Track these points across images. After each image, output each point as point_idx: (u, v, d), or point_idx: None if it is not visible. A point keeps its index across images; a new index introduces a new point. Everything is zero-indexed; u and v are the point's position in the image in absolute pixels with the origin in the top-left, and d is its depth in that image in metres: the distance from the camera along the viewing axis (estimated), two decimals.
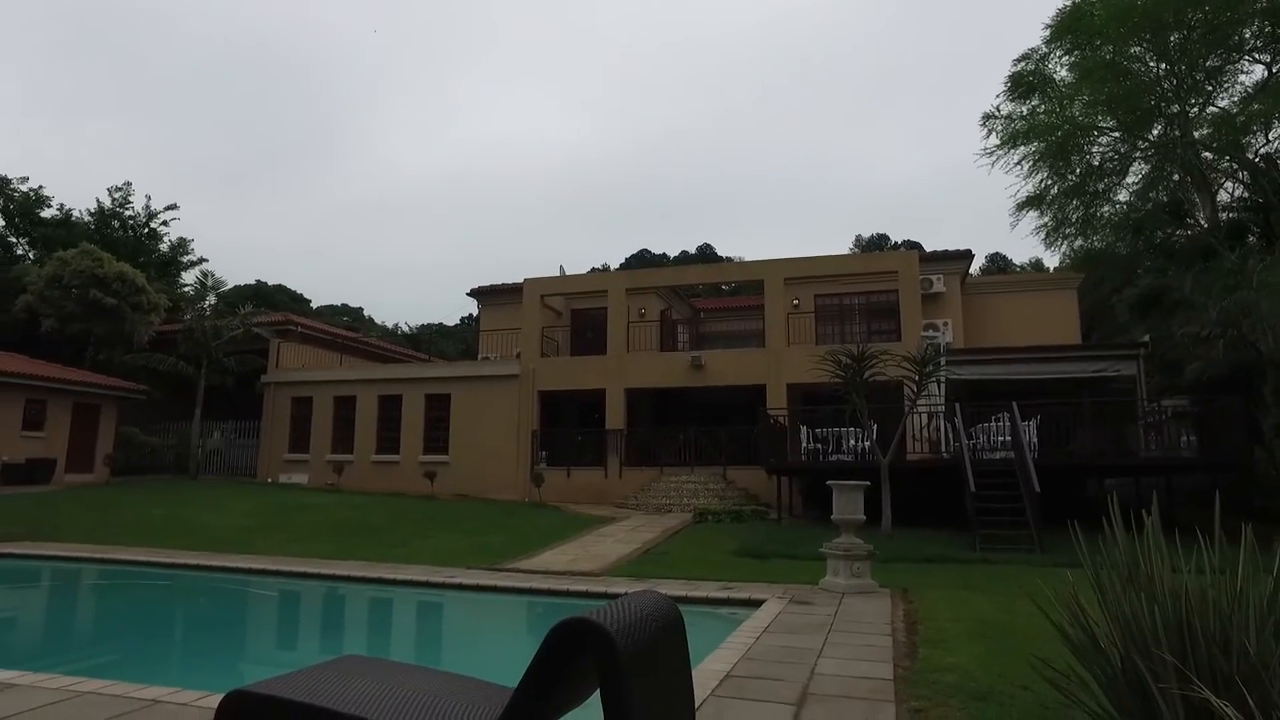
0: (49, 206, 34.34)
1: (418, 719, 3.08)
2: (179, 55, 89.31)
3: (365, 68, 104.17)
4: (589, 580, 9.56)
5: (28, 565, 11.92)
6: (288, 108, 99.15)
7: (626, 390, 20.79)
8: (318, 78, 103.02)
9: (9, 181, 33.44)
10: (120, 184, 35.83)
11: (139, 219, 35.75)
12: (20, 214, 33.67)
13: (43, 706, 4.19)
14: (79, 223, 34.24)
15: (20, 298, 26.19)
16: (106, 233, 33.79)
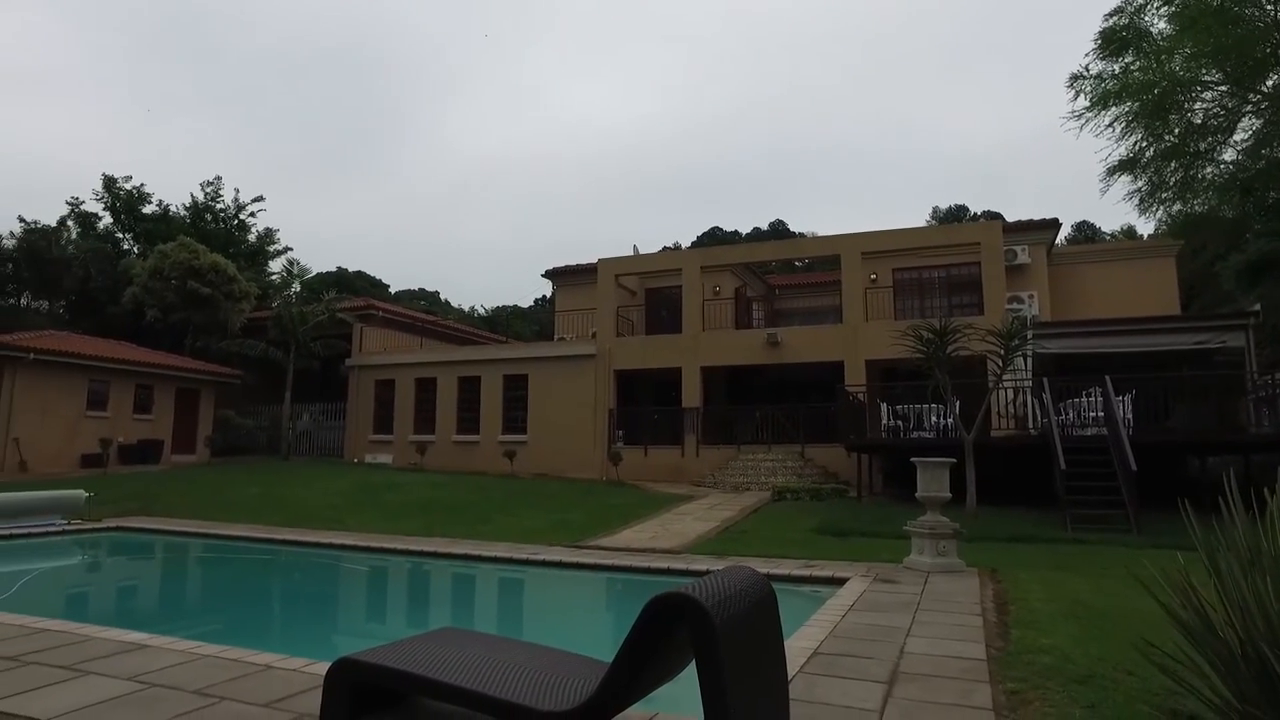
0: (150, 203, 36.23)
1: (515, 688, 3.17)
2: (260, 53, 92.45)
3: (435, 54, 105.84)
4: (670, 558, 9.63)
5: (144, 538, 12.72)
6: (363, 99, 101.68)
7: (702, 368, 20.77)
8: (390, 67, 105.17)
9: (115, 181, 35.39)
10: (211, 178, 37.53)
11: (229, 211, 37.35)
12: (125, 211, 35.61)
13: (171, 667, 4.48)
14: (176, 217, 35.99)
15: (127, 290, 27.75)
16: (200, 225, 35.43)
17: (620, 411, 21.34)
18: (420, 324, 30.14)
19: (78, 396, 22.38)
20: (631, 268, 23.61)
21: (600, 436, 20.87)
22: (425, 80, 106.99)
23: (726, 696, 2.57)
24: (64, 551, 11.88)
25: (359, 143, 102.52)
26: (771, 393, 21.58)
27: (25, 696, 3.98)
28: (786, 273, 37.48)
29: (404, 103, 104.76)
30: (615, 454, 19.33)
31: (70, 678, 4.31)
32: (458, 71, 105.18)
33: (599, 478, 19.58)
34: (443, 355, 24.72)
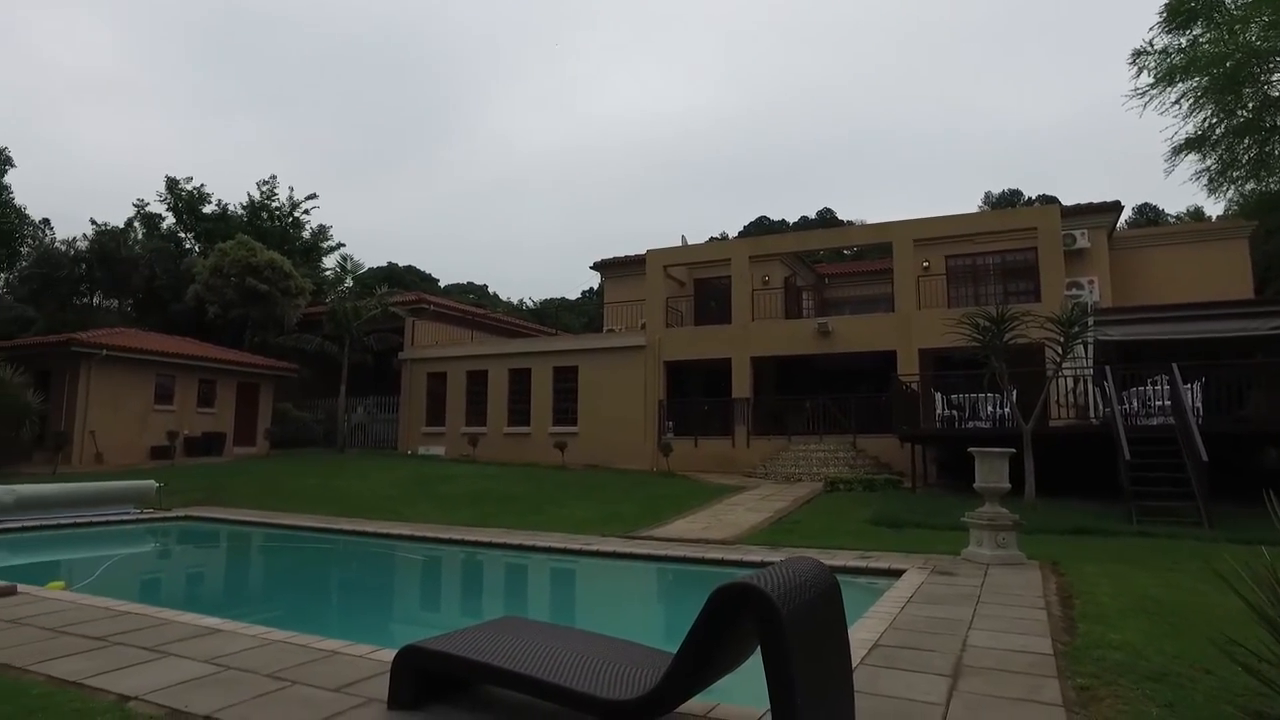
0: (209, 203, 37.33)
1: (578, 677, 3.21)
2: (311, 54, 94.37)
3: (481, 49, 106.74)
4: (723, 548, 9.61)
5: (210, 527, 13.16)
6: (410, 96, 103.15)
7: (752, 359, 20.67)
8: (437, 64, 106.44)
9: (177, 182, 36.55)
10: (267, 177, 38.45)
11: (284, 209, 38.28)
12: (187, 211, 36.77)
13: (244, 650, 4.64)
14: (234, 216, 37.02)
15: (190, 288, 28.66)
16: (257, 224, 36.41)
17: (670, 402, 21.34)
18: (471, 317, 30.52)
19: (146, 391, 23.20)
20: (680, 258, 23.56)
21: (650, 427, 20.91)
22: (471, 76, 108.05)
23: (794, 687, 2.56)
24: (138, 539, 12.35)
25: (407, 140, 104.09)
26: (822, 382, 21.36)
27: (115, 674, 4.16)
28: (835, 261, 37.03)
29: (450, 99, 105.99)
30: (665, 445, 19.35)
31: (153, 659, 4.49)
32: (504, 66, 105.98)
33: (649, 469, 19.63)
34: (493, 348, 25.01)
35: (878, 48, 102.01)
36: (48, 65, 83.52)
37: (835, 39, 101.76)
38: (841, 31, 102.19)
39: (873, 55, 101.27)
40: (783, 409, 20.67)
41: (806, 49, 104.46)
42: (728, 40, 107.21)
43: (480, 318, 31.67)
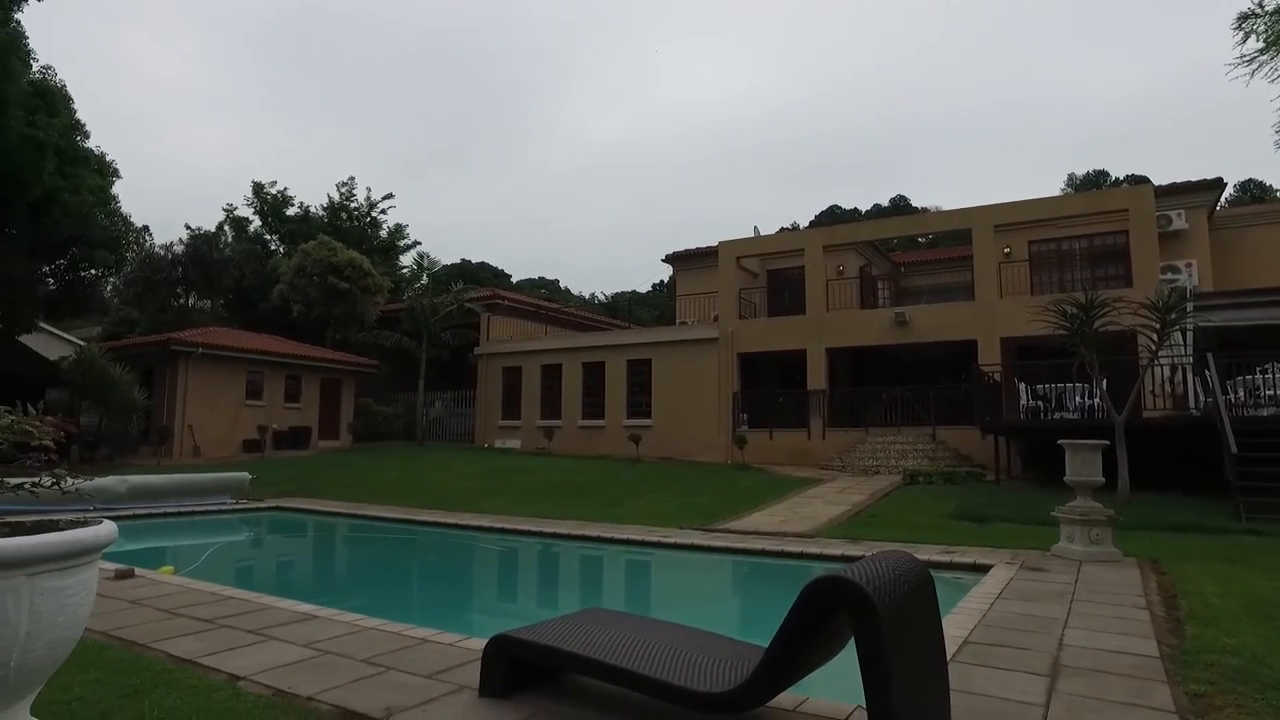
0: (292, 205, 38.70)
1: (668, 668, 3.21)
2: (383, 58, 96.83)
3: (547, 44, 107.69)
4: (802, 541, 9.51)
5: (299, 518, 13.69)
6: (478, 95, 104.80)
7: (827, 350, 20.36)
8: (503, 61, 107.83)
9: (262, 186, 38.05)
10: (345, 179, 39.68)
11: (362, 209, 39.41)
12: (272, 213, 38.23)
13: (339, 637, 4.81)
14: (315, 217, 38.30)
15: (275, 288, 29.80)
16: (337, 224, 37.57)
17: (744, 394, 21.21)
18: (544, 312, 30.90)
19: (238, 387, 24.25)
20: (752, 249, 23.35)
21: (724, 420, 20.82)
22: (538, 70, 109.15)
23: (890, 684, 2.52)
24: (234, 528, 12.94)
25: (477, 138, 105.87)
26: (899, 373, 20.92)
27: (224, 655, 4.38)
28: (910, 249, 36.13)
29: (518, 95, 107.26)
30: (740, 437, 19.24)
31: (257, 641, 4.70)
32: (571, 59, 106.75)
33: (724, 461, 19.55)
34: (567, 342, 25.27)
35: (950, 27, 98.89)
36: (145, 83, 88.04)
37: (906, 19, 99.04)
38: (912, 10, 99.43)
39: (945, 34, 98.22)
40: (859, 400, 20.31)
41: (875, 31, 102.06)
42: (796, 25, 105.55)
43: (553, 312, 32.03)
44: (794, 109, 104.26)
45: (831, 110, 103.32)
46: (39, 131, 17.38)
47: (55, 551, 1.73)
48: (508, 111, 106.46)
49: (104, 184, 21.25)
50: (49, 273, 21.73)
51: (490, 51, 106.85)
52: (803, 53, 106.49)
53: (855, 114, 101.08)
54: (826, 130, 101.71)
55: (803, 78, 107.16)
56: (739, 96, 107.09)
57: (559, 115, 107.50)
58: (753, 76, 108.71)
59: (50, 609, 1.73)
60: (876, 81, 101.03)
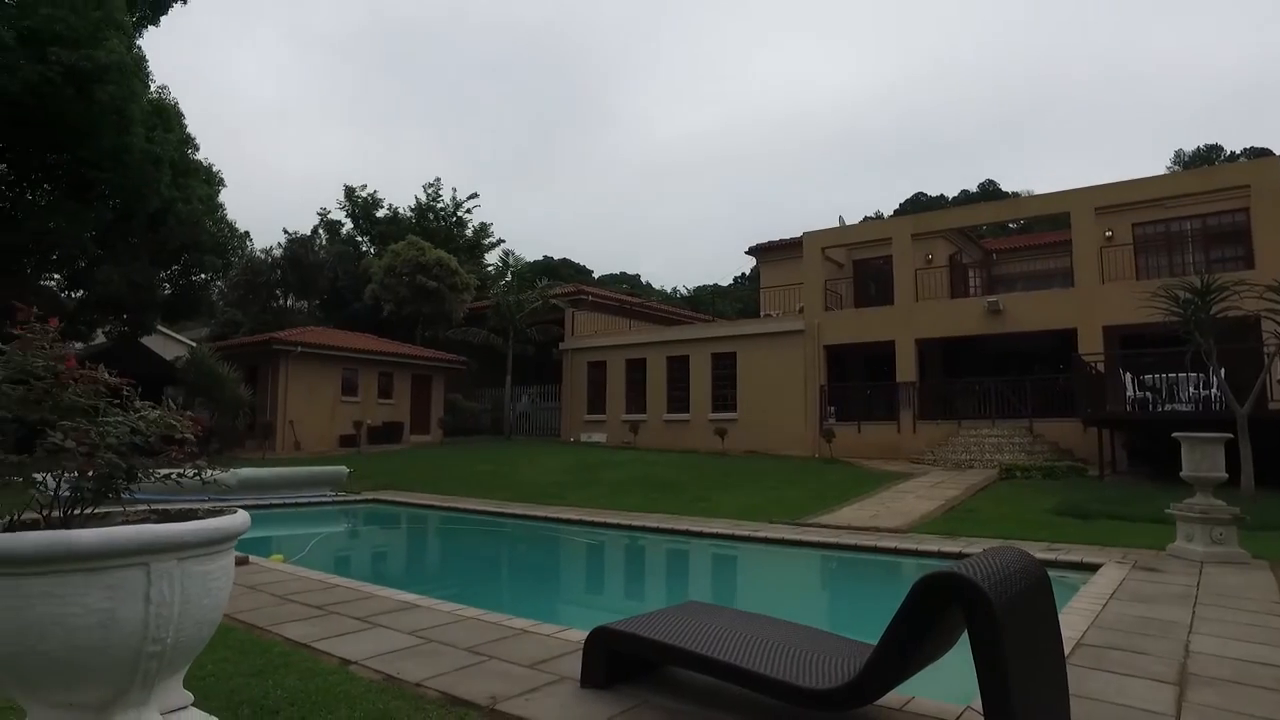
0: (382, 207, 40.05)
1: (771, 663, 3.18)
2: (466, 61, 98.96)
3: (626, 40, 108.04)
4: (896, 537, 9.29)
5: (395, 510, 14.16)
6: (559, 94, 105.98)
7: (917, 341, 19.81)
8: (583, 58, 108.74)
9: (353, 190, 39.48)
10: (432, 180, 40.79)
11: (448, 209, 40.43)
12: (363, 216, 39.64)
13: (440, 625, 4.95)
14: (404, 218, 39.51)
15: (367, 287, 30.89)
16: (424, 224, 38.66)
17: (831, 387, 20.85)
18: (627, 306, 31.08)
19: (334, 384, 25.27)
20: (838, 239, 22.91)
21: (811, 413, 20.52)
22: (618, 66, 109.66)
23: (1009, 685, 2.42)
24: (335, 519, 13.49)
25: (558, 137, 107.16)
26: (993, 364, 20.20)
27: (335, 640, 4.57)
28: (1002, 235, 34.79)
29: (598, 92, 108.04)
30: (828, 431, 18.93)
31: (364, 628, 4.88)
32: (650, 53, 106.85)
33: (811, 454, 19.28)
34: (651, 336, 25.34)
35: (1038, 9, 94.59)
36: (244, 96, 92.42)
37: (993, 2, 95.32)
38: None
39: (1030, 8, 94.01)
40: (951, 392, 19.70)
41: (962, 18, 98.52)
42: (875, 10, 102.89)
43: (636, 306, 32.18)
44: (873, 96, 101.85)
45: (912, 95, 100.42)
46: (157, 147, 18.47)
47: (202, 538, 1.83)
48: (587, 110, 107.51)
49: (211, 193, 22.41)
50: (165, 278, 23.07)
51: (569, 50, 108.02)
52: (882, 37, 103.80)
53: (937, 98, 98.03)
54: (908, 116, 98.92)
55: (882, 63, 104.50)
56: (817, 86, 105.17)
57: (638, 111, 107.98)
58: (831, 65, 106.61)
59: (197, 591, 1.83)
60: (957, 64, 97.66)
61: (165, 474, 2.06)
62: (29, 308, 1.95)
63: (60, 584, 1.65)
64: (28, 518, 1.85)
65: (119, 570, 1.70)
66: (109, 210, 18.98)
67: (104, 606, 1.68)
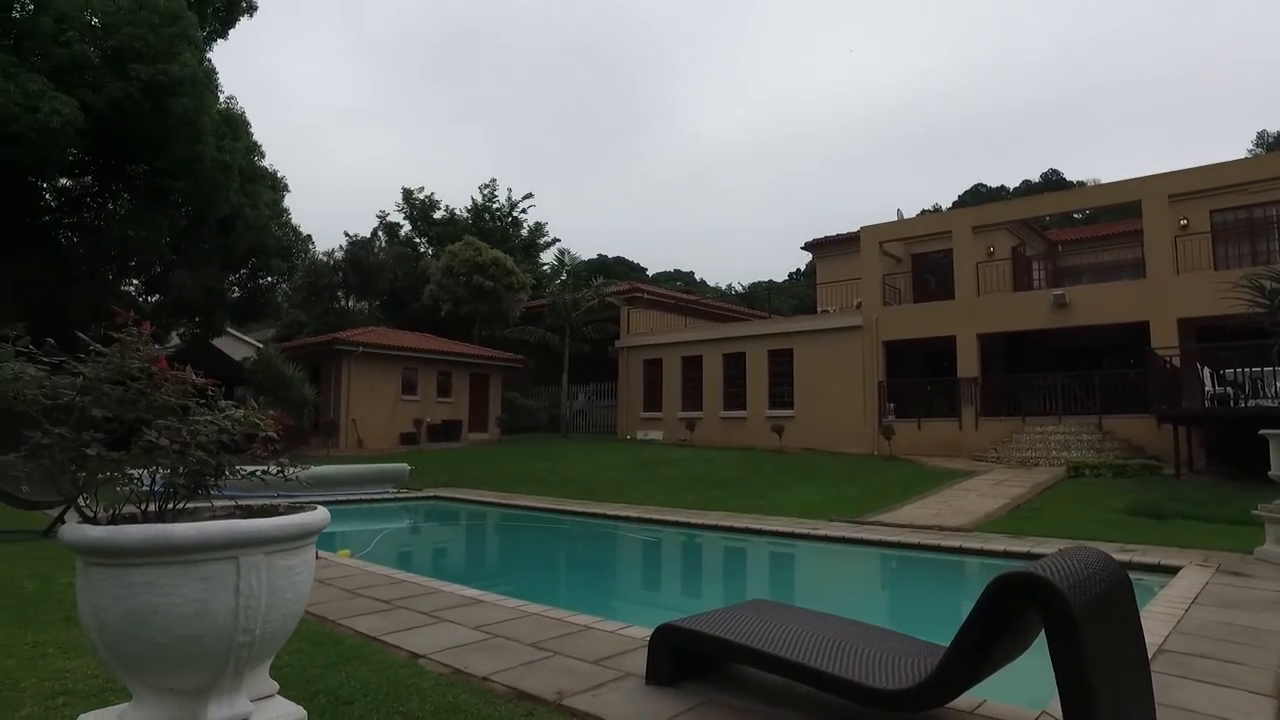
0: (439, 209, 40.72)
1: (840, 662, 3.14)
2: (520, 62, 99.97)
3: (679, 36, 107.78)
4: (960, 536, 9.10)
5: (456, 507, 14.41)
6: (612, 91, 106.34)
7: (978, 335, 19.33)
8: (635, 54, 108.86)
9: (411, 193, 40.26)
10: (487, 181, 41.31)
11: (503, 210, 40.93)
12: (420, 218, 40.40)
13: (505, 620, 5.02)
14: (460, 219, 40.13)
15: (426, 288, 31.46)
16: (480, 224, 39.20)
17: (890, 383, 20.51)
18: (682, 304, 31.04)
19: (395, 383, 25.81)
20: (896, 233, 22.49)
21: (870, 410, 20.22)
22: (672, 64, 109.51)
23: (1091, 689, 2.36)
24: (398, 515, 13.77)
25: (611, 134, 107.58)
26: (1058, 359, 19.61)
27: (403, 634, 4.67)
28: (1067, 226, 33.72)
29: (650, 88, 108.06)
30: (887, 428, 18.63)
31: (431, 623, 4.97)
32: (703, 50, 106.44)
33: (870, 452, 19.00)
34: (707, 333, 25.26)
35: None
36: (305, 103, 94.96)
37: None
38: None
39: None
40: (1015, 388, 19.18)
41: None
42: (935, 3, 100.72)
43: (691, 303, 32.12)
44: (928, 85, 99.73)
45: (969, 84, 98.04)
46: (226, 155, 19.17)
47: (287, 533, 1.90)
48: (640, 107, 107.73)
49: (277, 198, 23.13)
50: (234, 281, 23.88)
51: (623, 48, 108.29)
52: (936, 24, 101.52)
53: (996, 86, 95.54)
54: (965, 105, 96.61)
55: (937, 51, 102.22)
56: (871, 77, 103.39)
57: (691, 108, 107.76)
58: (885, 54, 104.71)
59: (282, 585, 1.90)
60: (1015, 49, 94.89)
61: (250, 471, 2.14)
62: (126, 312, 2.05)
63: (160, 575, 1.74)
64: (127, 512, 1.94)
65: (212, 563, 1.78)
66: (182, 217, 19.74)
67: (199, 597, 1.76)
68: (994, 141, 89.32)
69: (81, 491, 1.93)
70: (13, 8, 16.19)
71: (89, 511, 1.90)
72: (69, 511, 8.58)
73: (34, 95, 14.94)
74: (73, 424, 1.90)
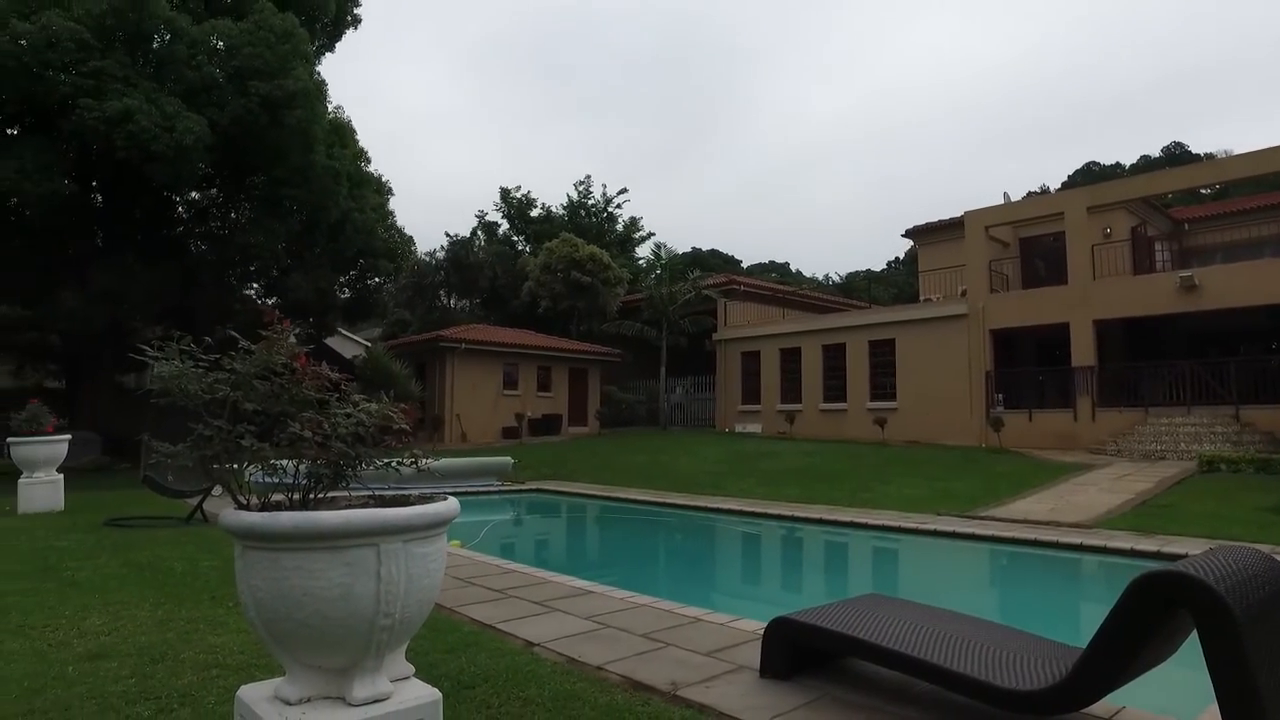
0: (535, 207, 41.49)
1: (967, 661, 3.03)
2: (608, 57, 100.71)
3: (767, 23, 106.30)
4: (1080, 532, 8.66)
5: (558, 499, 14.68)
6: (701, 82, 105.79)
7: (1094, 322, 18.30)
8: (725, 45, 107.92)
9: (509, 192, 41.17)
10: (582, 178, 41.80)
11: (599, 206, 41.33)
12: (518, 216, 41.26)
13: (615, 611, 5.08)
14: (556, 216, 40.77)
15: (524, 285, 32.12)
16: (576, 221, 39.70)
17: (998, 373, 19.68)
18: (779, 295, 30.66)
19: (496, 378, 26.49)
20: (1002, 217, 21.53)
21: (976, 401, 19.47)
22: (760, 53, 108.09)
23: (1257, 701, 2.19)
24: (503, 507, 14.15)
25: (701, 127, 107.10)
26: (1186, 345, 18.41)
27: (517, 622, 4.79)
28: (1193, 204, 31.47)
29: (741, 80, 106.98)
30: (995, 419, 17.89)
31: (542, 612, 5.08)
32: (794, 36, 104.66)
33: (977, 444, 18.30)
34: (805, 324, 24.87)
35: None
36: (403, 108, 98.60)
37: None
38: None
39: None
40: (1136, 377, 18.07)
41: None
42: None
43: (789, 295, 31.67)
44: (1031, 60, 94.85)
45: (1076, 63, 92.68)
46: (336, 162, 20.10)
47: (424, 521, 1.98)
48: (730, 97, 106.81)
49: (382, 202, 24.06)
50: (344, 283, 25.00)
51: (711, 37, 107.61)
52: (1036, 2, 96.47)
53: (1105, 56, 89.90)
54: (1073, 79, 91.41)
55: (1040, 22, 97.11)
56: (970, 55, 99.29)
57: (781, 96, 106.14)
58: (984, 30, 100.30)
59: (418, 571, 1.97)
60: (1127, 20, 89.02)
61: (384, 462, 2.24)
62: (273, 312, 2.17)
63: (308, 559, 1.84)
64: (276, 499, 2.06)
65: (355, 549, 1.87)
66: (296, 223, 20.80)
67: (344, 581, 1.86)
68: (1107, 118, 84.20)
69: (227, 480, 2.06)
70: (153, 39, 17.44)
71: (242, 499, 2.02)
72: (206, 500, 9.20)
73: (171, 116, 16.08)
74: (226, 416, 2.03)
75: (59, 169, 16.60)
